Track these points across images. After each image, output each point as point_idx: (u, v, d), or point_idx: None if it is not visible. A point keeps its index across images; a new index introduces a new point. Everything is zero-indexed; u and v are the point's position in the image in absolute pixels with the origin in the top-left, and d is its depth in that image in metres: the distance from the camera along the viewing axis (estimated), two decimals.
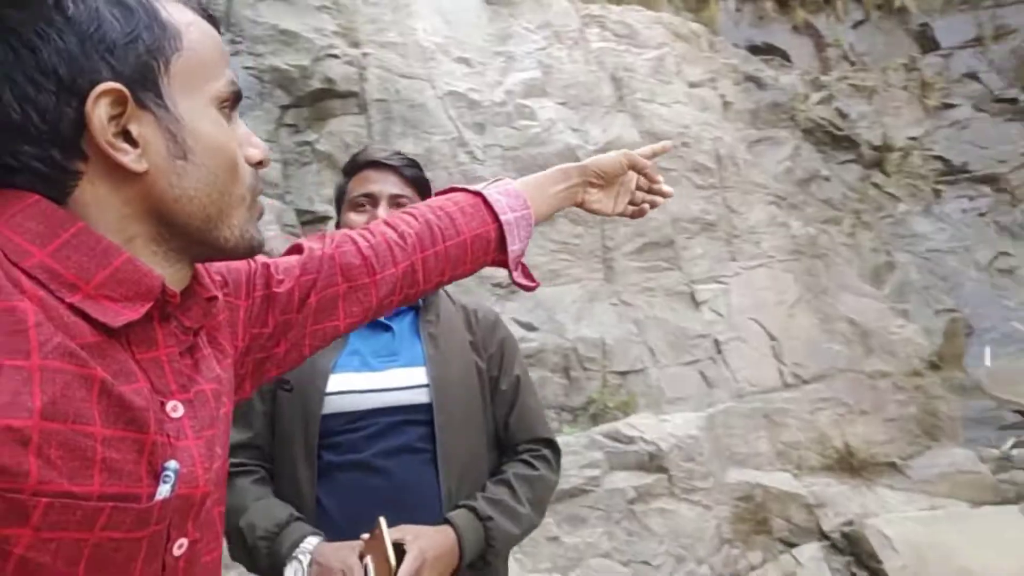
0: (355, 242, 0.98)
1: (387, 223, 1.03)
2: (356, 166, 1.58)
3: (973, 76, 7.70)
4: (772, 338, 5.01)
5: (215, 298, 0.76)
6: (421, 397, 1.44)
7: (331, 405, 1.41)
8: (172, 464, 0.65)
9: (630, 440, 3.97)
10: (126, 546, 0.62)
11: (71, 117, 0.62)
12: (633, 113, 5.62)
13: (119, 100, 0.63)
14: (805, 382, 4.87)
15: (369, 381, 1.44)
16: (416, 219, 1.03)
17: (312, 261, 0.94)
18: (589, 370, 4.47)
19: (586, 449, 3.88)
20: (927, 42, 8.08)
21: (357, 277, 0.96)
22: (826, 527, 4.17)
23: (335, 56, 4.82)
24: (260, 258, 0.91)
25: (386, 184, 1.53)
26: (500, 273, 4.58)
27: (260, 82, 4.57)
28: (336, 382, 1.43)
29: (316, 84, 4.67)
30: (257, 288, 0.90)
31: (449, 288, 1.61)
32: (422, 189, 1.59)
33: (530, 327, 4.51)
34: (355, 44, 5.02)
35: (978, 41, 7.87)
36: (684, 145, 5.56)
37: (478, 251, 1.07)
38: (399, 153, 1.59)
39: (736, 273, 5.23)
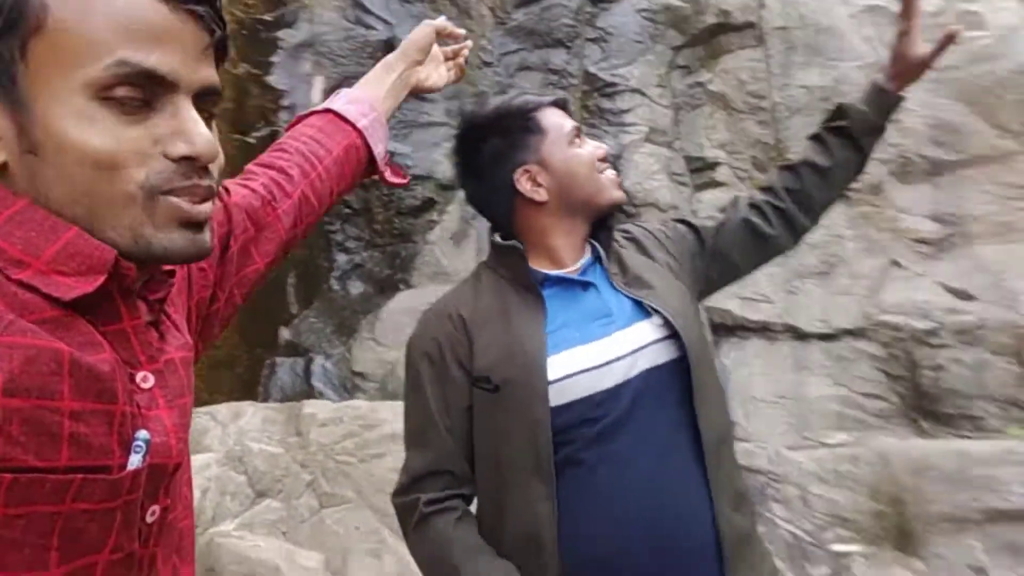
0: (247, 186, 1.00)
1: (264, 164, 1.05)
2: (542, 104, 1.33)
3: None
4: None
5: (173, 272, 0.75)
6: (666, 353, 1.21)
7: (562, 394, 1.16)
8: (142, 434, 0.65)
9: None
10: (100, 517, 0.62)
11: None
12: None
13: None
14: None
15: (601, 351, 1.19)
16: (287, 152, 1.06)
17: (219, 213, 0.94)
18: None
19: None
20: None
21: (262, 218, 0.98)
22: None
23: None
24: None
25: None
26: (923, 227, 3.83)
27: (653, 24, 4.39)
28: (560, 364, 1.17)
29: (710, 19, 4.34)
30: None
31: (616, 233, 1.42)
32: None
33: (965, 295, 3.68)
34: None
35: None
36: None
37: (352, 161, 1.13)
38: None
39: None
